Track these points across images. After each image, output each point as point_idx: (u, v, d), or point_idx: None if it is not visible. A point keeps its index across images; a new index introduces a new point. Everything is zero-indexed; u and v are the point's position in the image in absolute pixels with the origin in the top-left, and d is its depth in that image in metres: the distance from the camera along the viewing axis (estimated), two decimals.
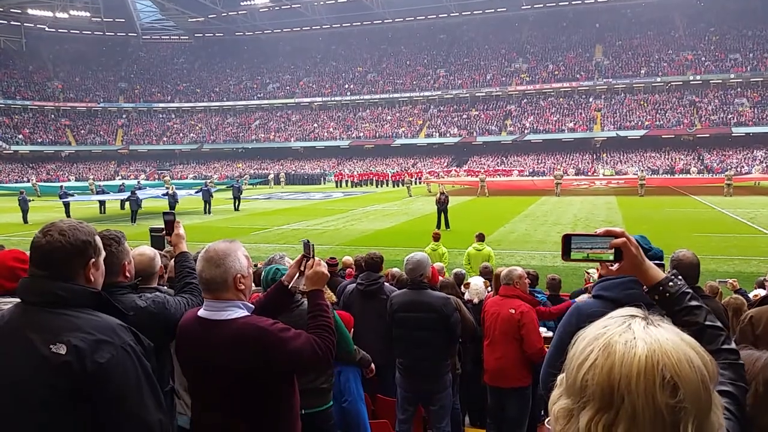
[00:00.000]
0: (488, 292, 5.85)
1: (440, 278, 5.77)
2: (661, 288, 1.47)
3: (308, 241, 2.58)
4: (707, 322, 1.42)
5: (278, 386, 2.23)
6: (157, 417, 1.73)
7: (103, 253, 1.88)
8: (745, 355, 1.55)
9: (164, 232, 2.91)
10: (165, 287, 3.02)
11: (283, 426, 2.27)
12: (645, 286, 1.51)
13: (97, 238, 1.85)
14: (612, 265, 1.47)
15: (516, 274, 4.65)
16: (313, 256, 2.50)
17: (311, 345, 2.18)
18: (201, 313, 2.20)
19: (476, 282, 5.80)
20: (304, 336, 2.20)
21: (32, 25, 75.07)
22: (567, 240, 1.49)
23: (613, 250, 1.45)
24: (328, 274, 2.53)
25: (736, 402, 1.29)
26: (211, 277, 2.14)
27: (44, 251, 1.73)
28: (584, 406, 0.88)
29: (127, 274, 2.33)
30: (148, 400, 1.71)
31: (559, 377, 0.96)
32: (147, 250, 2.78)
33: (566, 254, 1.49)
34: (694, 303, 1.44)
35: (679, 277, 1.49)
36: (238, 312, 2.16)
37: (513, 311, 4.41)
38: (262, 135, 70.40)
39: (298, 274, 2.55)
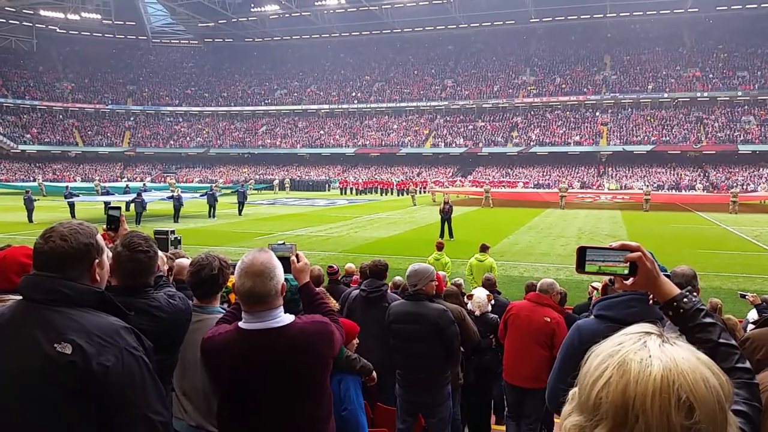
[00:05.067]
0: (491, 304, 5.82)
1: (444, 287, 5.73)
2: (675, 304, 1.45)
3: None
4: (721, 340, 1.40)
5: (327, 375, 2.32)
6: (162, 417, 1.74)
7: (106, 251, 1.87)
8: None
9: (110, 227, 2.90)
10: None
11: (327, 414, 2.34)
12: (659, 302, 1.49)
13: (99, 238, 1.84)
14: (626, 279, 1.46)
15: (556, 288, 4.92)
16: (296, 253, 2.60)
17: (340, 330, 2.37)
18: (248, 325, 2.17)
19: (479, 294, 5.77)
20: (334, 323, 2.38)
21: (43, 26, 75.71)
22: (582, 252, 1.48)
23: (627, 264, 1.44)
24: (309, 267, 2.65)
25: (750, 422, 1.27)
26: (267, 290, 2.12)
27: (47, 257, 1.71)
28: (597, 424, 0.86)
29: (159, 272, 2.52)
30: (153, 401, 1.71)
31: (571, 392, 0.95)
32: None
33: (580, 266, 1.49)
34: (708, 320, 1.42)
35: (694, 293, 1.47)
36: (288, 315, 2.22)
37: (549, 320, 4.61)
38: (269, 141, 70.70)
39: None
